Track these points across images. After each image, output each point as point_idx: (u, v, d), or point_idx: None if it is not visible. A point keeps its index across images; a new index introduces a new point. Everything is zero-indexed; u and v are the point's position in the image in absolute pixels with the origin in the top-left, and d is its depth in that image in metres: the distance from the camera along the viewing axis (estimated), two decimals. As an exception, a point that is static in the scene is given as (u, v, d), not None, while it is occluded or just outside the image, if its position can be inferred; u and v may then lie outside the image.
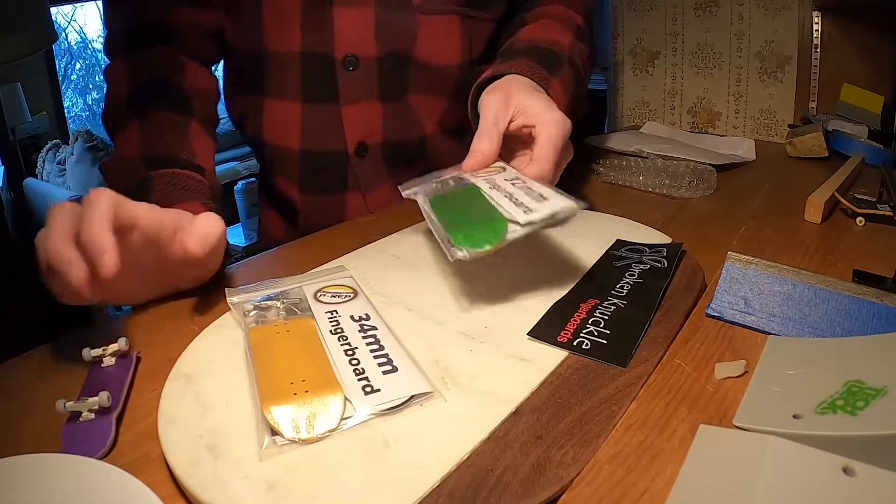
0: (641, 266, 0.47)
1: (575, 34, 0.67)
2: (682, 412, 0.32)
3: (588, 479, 0.28)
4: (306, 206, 0.71)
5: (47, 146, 2.94)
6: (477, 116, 0.55)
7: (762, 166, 0.86)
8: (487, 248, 0.39)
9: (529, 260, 0.50)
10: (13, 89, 2.97)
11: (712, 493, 0.26)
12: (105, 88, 0.60)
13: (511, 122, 0.53)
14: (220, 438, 0.31)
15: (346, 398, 0.33)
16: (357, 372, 0.35)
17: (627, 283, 0.45)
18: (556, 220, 0.41)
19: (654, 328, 0.40)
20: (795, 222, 0.60)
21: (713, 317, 0.41)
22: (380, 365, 0.35)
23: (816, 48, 1.03)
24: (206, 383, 0.36)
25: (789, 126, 1.03)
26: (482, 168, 0.51)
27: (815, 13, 1.02)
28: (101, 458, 0.31)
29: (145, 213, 0.41)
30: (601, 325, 0.40)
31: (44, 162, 2.89)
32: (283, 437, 0.30)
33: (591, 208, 0.62)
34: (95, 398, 0.33)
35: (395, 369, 0.35)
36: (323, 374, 0.35)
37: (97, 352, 0.38)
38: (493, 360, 0.37)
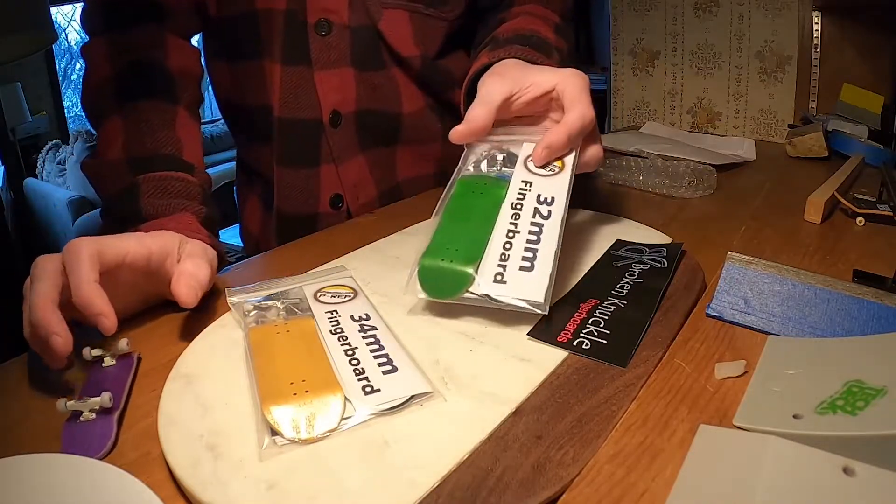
0: (641, 266, 0.47)
1: (554, 30, 0.65)
2: (682, 412, 0.32)
3: (588, 479, 0.28)
4: (282, 183, 0.69)
5: (47, 146, 2.94)
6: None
7: (762, 166, 0.86)
8: (443, 299, 0.41)
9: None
10: (13, 89, 2.97)
11: (712, 493, 0.26)
12: (84, 67, 0.58)
13: (518, 98, 0.49)
14: (220, 438, 0.31)
15: (346, 398, 0.33)
16: (357, 372, 0.35)
17: (627, 283, 0.45)
18: (512, 308, 0.39)
19: (654, 328, 0.40)
20: (795, 222, 0.60)
21: (713, 317, 0.41)
22: (380, 365, 0.35)
23: (816, 48, 1.03)
24: (206, 383, 0.36)
25: (789, 126, 1.03)
26: (470, 136, 0.48)
27: (815, 13, 1.02)
28: (101, 458, 0.31)
29: (131, 249, 0.41)
30: (601, 325, 0.40)
31: (44, 162, 2.89)
32: (283, 437, 0.30)
33: (590, 208, 0.62)
34: (97, 398, 0.33)
35: (395, 369, 0.35)
36: (323, 374, 0.35)
37: (98, 352, 0.38)
38: (493, 360, 0.37)
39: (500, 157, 0.48)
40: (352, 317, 0.41)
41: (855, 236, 0.57)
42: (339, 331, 0.39)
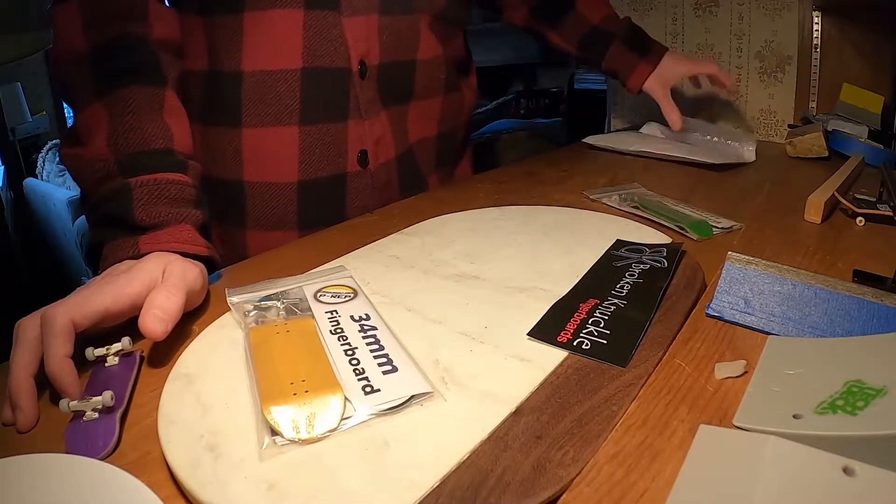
0: (641, 266, 0.47)
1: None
2: (682, 412, 0.32)
3: (588, 479, 0.28)
4: (306, 144, 0.64)
5: (47, 146, 2.94)
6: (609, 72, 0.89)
7: (762, 166, 0.86)
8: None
9: (529, 260, 0.50)
10: (13, 89, 2.97)
11: (712, 493, 0.26)
12: (53, 34, 0.51)
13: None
14: (220, 438, 0.31)
15: (346, 398, 0.33)
16: (357, 372, 0.35)
17: (627, 283, 0.45)
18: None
19: (654, 328, 0.40)
20: (795, 222, 0.60)
21: (713, 317, 0.41)
22: (380, 365, 0.35)
23: (816, 48, 1.03)
24: (207, 383, 0.36)
25: (789, 126, 1.03)
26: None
27: (815, 13, 1.02)
28: (104, 457, 0.31)
29: (110, 306, 0.39)
30: (601, 326, 0.40)
31: (44, 162, 2.89)
32: (283, 437, 0.30)
33: (589, 208, 0.62)
34: (99, 397, 0.33)
35: (394, 369, 0.35)
36: (323, 374, 0.35)
37: (101, 351, 0.38)
38: (493, 360, 0.37)
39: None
40: (352, 317, 0.41)
41: (855, 236, 0.57)
42: (339, 331, 0.39)
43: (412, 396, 0.33)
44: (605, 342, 0.38)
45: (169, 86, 0.54)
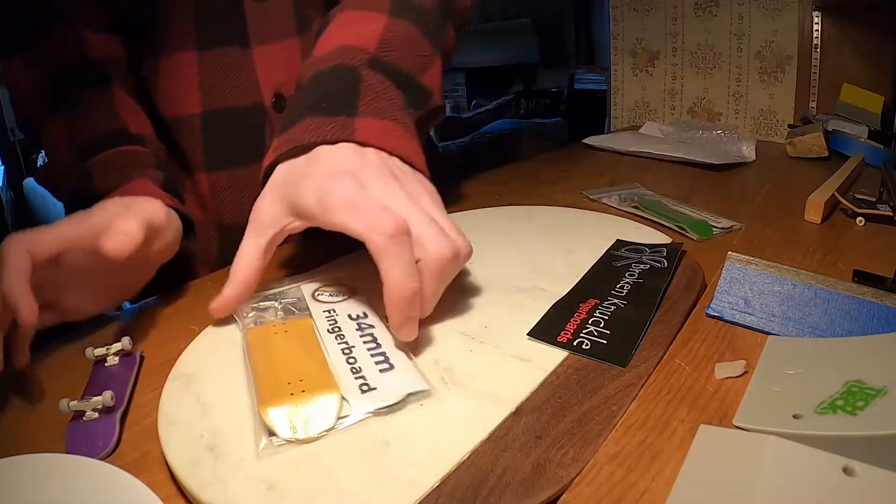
0: (641, 266, 0.47)
1: (391, 11, 0.48)
2: (682, 412, 0.32)
3: (588, 479, 0.28)
4: (218, 189, 0.58)
5: (47, 146, 2.93)
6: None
7: (762, 166, 0.86)
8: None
9: (529, 260, 0.50)
10: (13, 89, 2.95)
11: (712, 493, 0.26)
12: (9, 93, 0.53)
13: (299, 228, 0.41)
14: (220, 438, 0.31)
15: (342, 397, 0.33)
16: (354, 370, 0.35)
17: (627, 283, 0.45)
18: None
19: (654, 328, 0.40)
20: (795, 222, 0.60)
21: (713, 317, 0.41)
22: (377, 363, 0.35)
23: (816, 48, 1.03)
24: (206, 383, 0.36)
25: (789, 126, 1.03)
26: (230, 308, 0.41)
27: (815, 13, 1.02)
28: (105, 457, 0.31)
29: (65, 233, 0.38)
30: (601, 326, 0.40)
31: (44, 162, 2.89)
32: (279, 437, 0.30)
33: (589, 208, 0.62)
34: (99, 397, 0.33)
35: (391, 367, 0.35)
36: (320, 373, 0.35)
37: (101, 351, 0.38)
38: (493, 360, 0.37)
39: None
40: (349, 315, 0.41)
41: (855, 236, 0.57)
42: (336, 329, 0.39)
43: (409, 395, 0.33)
44: (605, 342, 0.38)
45: (116, 86, 0.52)
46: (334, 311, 0.41)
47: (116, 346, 0.39)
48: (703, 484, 0.26)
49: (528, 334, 0.39)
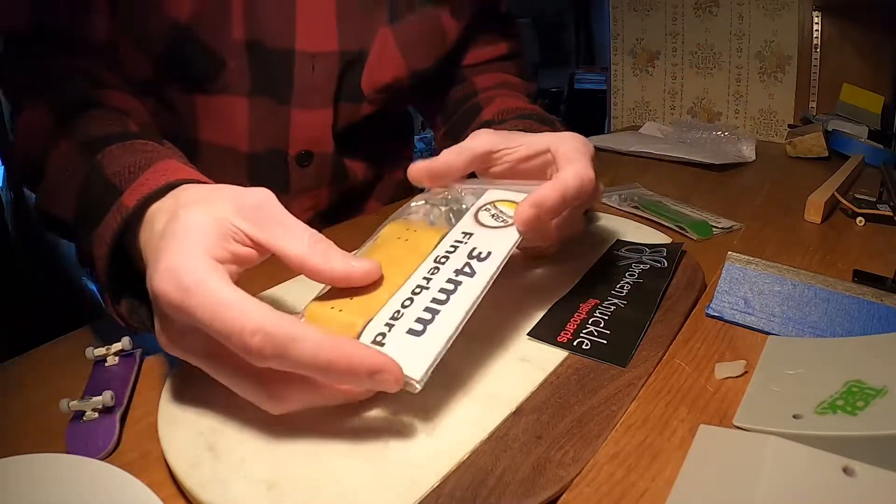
0: (641, 266, 0.47)
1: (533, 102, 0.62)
2: (682, 412, 0.32)
3: (588, 479, 0.28)
4: None
5: (47, 146, 2.93)
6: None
7: (762, 166, 0.86)
8: None
9: (529, 260, 0.50)
10: (13, 89, 2.95)
11: (712, 493, 0.26)
12: (14, 142, 0.46)
13: (505, 156, 0.44)
14: (220, 438, 0.31)
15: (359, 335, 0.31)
16: (394, 315, 0.32)
17: (627, 283, 0.45)
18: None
19: (654, 328, 0.40)
20: (795, 222, 0.60)
21: (713, 317, 0.41)
22: (416, 320, 0.32)
23: (816, 48, 1.03)
24: (207, 383, 0.35)
25: (789, 126, 1.03)
26: (428, 177, 0.42)
27: (815, 13, 1.02)
28: (104, 457, 0.31)
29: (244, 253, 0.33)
30: (601, 326, 0.40)
31: (44, 162, 2.89)
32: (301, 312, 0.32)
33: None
34: (99, 397, 0.33)
35: (421, 332, 0.31)
36: (367, 306, 0.33)
37: (101, 351, 0.38)
38: (493, 360, 0.37)
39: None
40: (471, 252, 0.36)
41: (855, 236, 0.57)
42: (443, 261, 0.35)
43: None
44: (605, 342, 0.38)
45: (133, 119, 0.47)
46: (468, 238, 0.37)
47: (116, 346, 0.39)
48: (703, 484, 0.26)
49: (528, 334, 0.39)
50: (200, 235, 0.30)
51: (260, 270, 0.35)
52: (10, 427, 0.35)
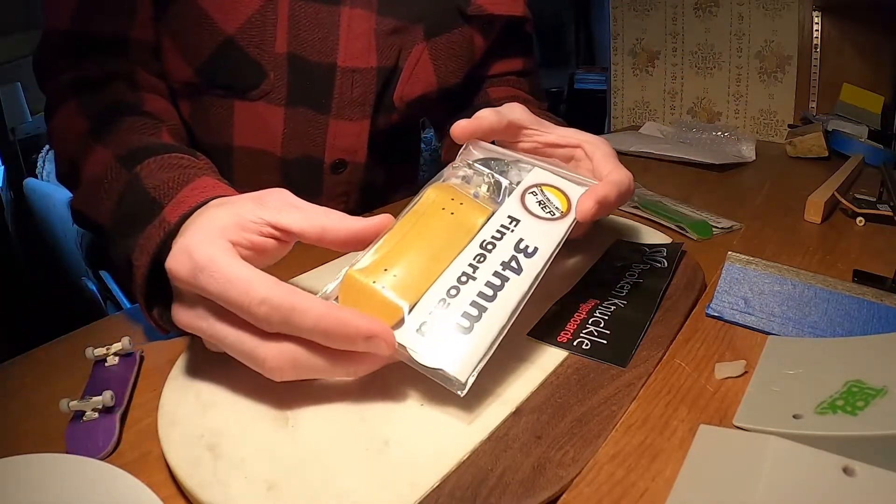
0: (641, 266, 0.47)
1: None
2: (682, 412, 0.32)
3: (588, 479, 0.28)
4: None
5: (47, 146, 2.94)
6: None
7: (762, 166, 0.86)
8: None
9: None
10: (13, 89, 2.96)
11: (712, 493, 0.26)
12: (53, 141, 0.49)
13: (536, 136, 0.46)
14: (221, 438, 0.31)
15: (403, 319, 0.31)
16: (442, 301, 0.32)
17: (627, 283, 0.45)
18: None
19: (654, 328, 0.40)
20: (795, 222, 0.60)
21: (713, 317, 0.41)
22: (463, 315, 0.32)
23: (816, 48, 1.03)
24: (207, 383, 0.35)
25: (789, 126, 1.03)
26: (474, 133, 0.42)
27: (815, 13, 1.02)
28: (104, 457, 0.31)
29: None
30: (601, 325, 0.40)
31: (44, 162, 2.89)
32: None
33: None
34: (99, 397, 0.33)
35: (468, 330, 0.31)
36: (417, 281, 0.32)
37: (101, 351, 0.38)
38: (493, 360, 0.37)
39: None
40: (517, 244, 0.34)
41: (855, 236, 0.57)
42: (489, 249, 0.34)
43: (439, 371, 0.31)
44: (605, 342, 0.38)
45: (166, 125, 0.50)
46: (514, 225, 0.35)
47: (116, 346, 0.39)
48: (703, 484, 0.26)
49: (528, 334, 0.39)
50: (218, 222, 0.33)
51: (287, 262, 0.37)
52: (10, 427, 0.35)
